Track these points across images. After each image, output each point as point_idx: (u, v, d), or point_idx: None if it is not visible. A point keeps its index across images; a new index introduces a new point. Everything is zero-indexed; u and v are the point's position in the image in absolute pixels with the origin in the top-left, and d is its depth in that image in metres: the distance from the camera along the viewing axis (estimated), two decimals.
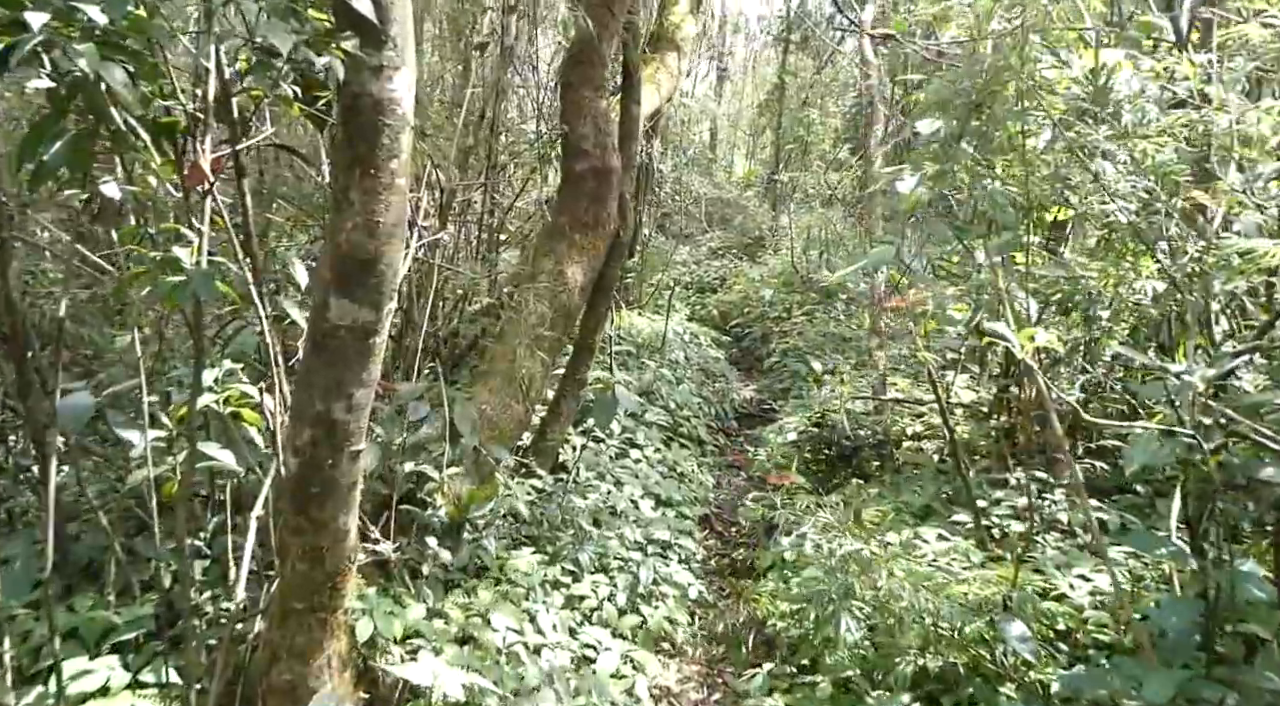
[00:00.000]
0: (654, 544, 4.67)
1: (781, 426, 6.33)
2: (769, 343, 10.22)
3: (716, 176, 17.94)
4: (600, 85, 5.25)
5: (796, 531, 4.45)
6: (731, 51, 21.45)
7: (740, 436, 8.14)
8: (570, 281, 5.09)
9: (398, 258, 2.61)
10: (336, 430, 2.63)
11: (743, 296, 12.15)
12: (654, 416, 6.49)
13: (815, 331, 8.96)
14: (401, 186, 2.57)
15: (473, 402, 4.56)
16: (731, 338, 11.66)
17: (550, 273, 5.06)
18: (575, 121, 5.17)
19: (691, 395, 7.71)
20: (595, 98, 5.22)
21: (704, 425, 7.26)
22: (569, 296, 5.08)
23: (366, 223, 2.51)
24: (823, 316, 9.77)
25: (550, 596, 3.92)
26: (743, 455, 7.66)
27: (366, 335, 2.60)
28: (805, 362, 8.14)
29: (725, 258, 14.70)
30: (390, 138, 2.51)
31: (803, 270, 11.40)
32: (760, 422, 8.38)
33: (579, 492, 4.77)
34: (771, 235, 14.21)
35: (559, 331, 5.06)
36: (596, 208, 5.23)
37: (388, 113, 2.48)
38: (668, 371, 6.94)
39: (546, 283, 5.04)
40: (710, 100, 20.07)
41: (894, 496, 4.60)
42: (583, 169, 5.18)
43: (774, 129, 14.30)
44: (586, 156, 5.18)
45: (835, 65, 13.99)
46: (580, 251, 5.17)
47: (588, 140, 5.17)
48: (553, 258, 5.11)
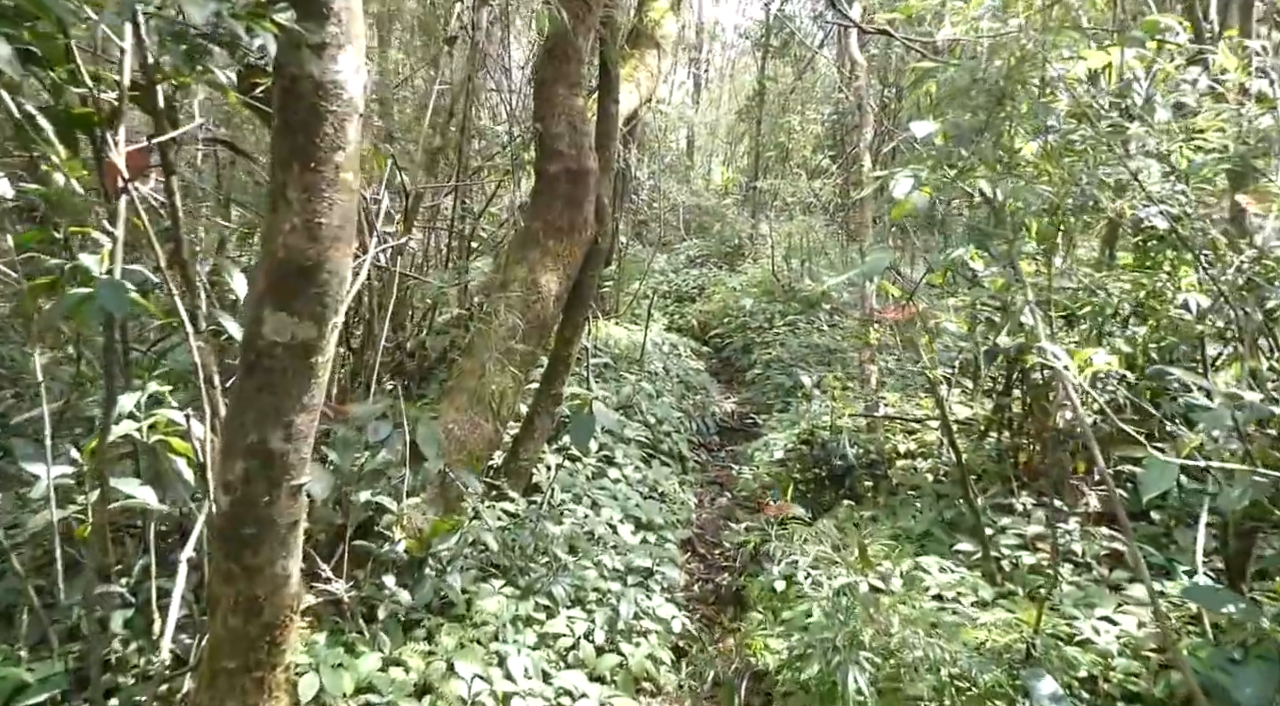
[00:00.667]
0: (634, 573, 4.35)
1: (768, 443, 6.03)
2: (750, 353, 9.95)
3: (694, 184, 17.69)
4: (576, 82, 4.94)
5: (787, 559, 4.14)
6: (709, 58, 21.26)
7: (722, 451, 7.84)
8: (544, 291, 4.77)
9: (344, 264, 2.28)
10: (274, 462, 2.29)
11: (722, 306, 11.87)
12: (633, 432, 6.17)
13: (799, 342, 8.68)
14: (348, 183, 2.24)
15: (439, 421, 4.23)
16: (711, 348, 11.38)
17: (523, 281, 4.74)
18: (549, 120, 4.86)
19: (672, 409, 7.40)
20: (570, 95, 4.90)
21: (685, 440, 6.94)
22: (543, 307, 4.76)
23: (307, 224, 2.18)
24: (806, 326, 9.51)
25: (522, 634, 3.58)
26: (725, 471, 7.36)
27: (307, 353, 2.26)
28: (789, 375, 7.86)
29: (704, 266, 14.43)
30: (334, 126, 2.18)
31: (784, 279, 11.14)
32: (743, 436, 8.08)
33: (554, 517, 4.44)
34: (751, 243, 13.95)
35: (532, 344, 4.73)
36: (572, 212, 4.91)
37: (331, 97, 2.15)
38: (647, 384, 6.62)
39: (518, 292, 4.71)
40: (687, 107, 19.85)
41: (890, 521, 4.31)
42: (557, 171, 4.86)
43: (753, 136, 14.06)
44: (561, 157, 4.86)
45: (815, 70, 13.79)
46: (555, 259, 4.86)
47: (562, 140, 4.86)
48: (525, 265, 4.78)
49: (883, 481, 4.80)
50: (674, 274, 14.39)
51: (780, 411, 7.48)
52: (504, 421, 4.60)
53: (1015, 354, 4.55)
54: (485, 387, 4.44)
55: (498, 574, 3.95)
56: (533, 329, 4.71)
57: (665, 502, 5.56)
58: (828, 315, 9.65)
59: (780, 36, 12.54)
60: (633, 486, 5.35)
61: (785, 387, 7.68)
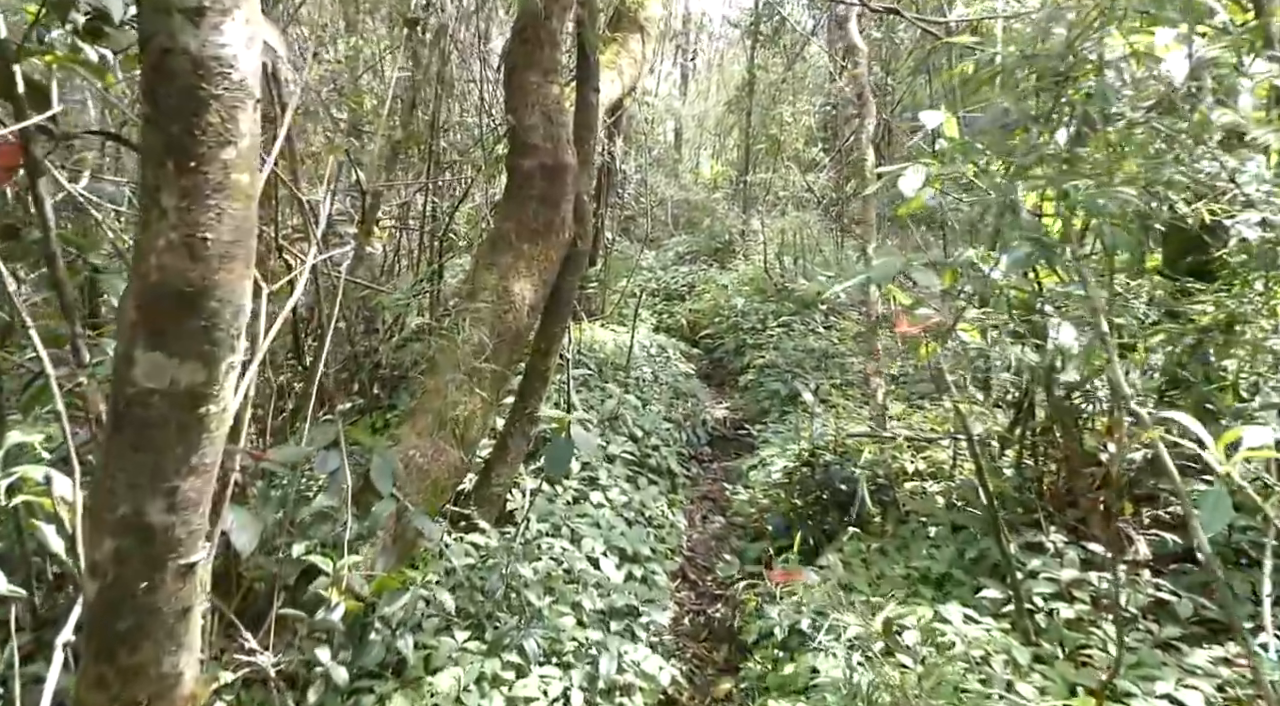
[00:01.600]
0: (618, 616, 3.89)
1: (764, 461, 5.59)
2: (742, 356, 9.50)
3: (682, 178, 17.22)
4: (551, 69, 4.46)
5: (789, 601, 3.70)
6: (696, 49, 20.78)
7: (714, 463, 7.39)
8: (517, 300, 4.30)
9: (239, 289, 1.81)
10: (154, 539, 1.82)
11: (712, 305, 11.43)
12: (618, 447, 5.71)
13: (794, 345, 8.24)
14: (242, 187, 1.77)
15: (399, 448, 3.76)
16: (701, 349, 10.93)
17: (493, 289, 4.27)
18: (522, 111, 4.38)
19: (660, 418, 6.95)
20: (545, 83, 4.43)
21: (674, 453, 6.49)
22: (516, 317, 4.29)
23: (187, 240, 1.71)
24: (801, 328, 9.06)
25: (488, 698, 3.13)
26: (717, 486, 6.92)
27: (194, 402, 1.79)
28: (785, 382, 7.41)
29: (694, 263, 13.97)
30: (221, 115, 1.70)
31: (776, 277, 10.69)
32: (735, 446, 7.64)
33: (529, 554, 3.98)
34: (742, 239, 13.49)
35: (504, 359, 4.27)
36: (548, 212, 4.44)
37: (214, 78, 1.68)
38: (633, 396, 6.16)
39: (489, 302, 4.25)
40: (674, 99, 19.37)
41: (903, 557, 3.86)
42: (531, 166, 4.39)
43: (743, 128, 13.59)
44: (535, 152, 4.39)
45: (806, 59, 13.31)
46: (529, 263, 4.39)
47: (536, 132, 4.38)
48: (496, 272, 4.32)
49: (891, 508, 4.36)
50: (662, 271, 13.93)
51: (776, 421, 7.03)
52: (473, 445, 4.13)
53: (1046, 372, 4.12)
54: (451, 409, 3.98)
55: (461, 624, 3.49)
56: (505, 342, 4.25)
57: (653, 528, 5.10)
58: (823, 316, 9.20)
59: (771, 24, 12.06)
60: (618, 511, 4.90)
61: (781, 396, 7.23)
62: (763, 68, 12.42)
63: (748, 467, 5.63)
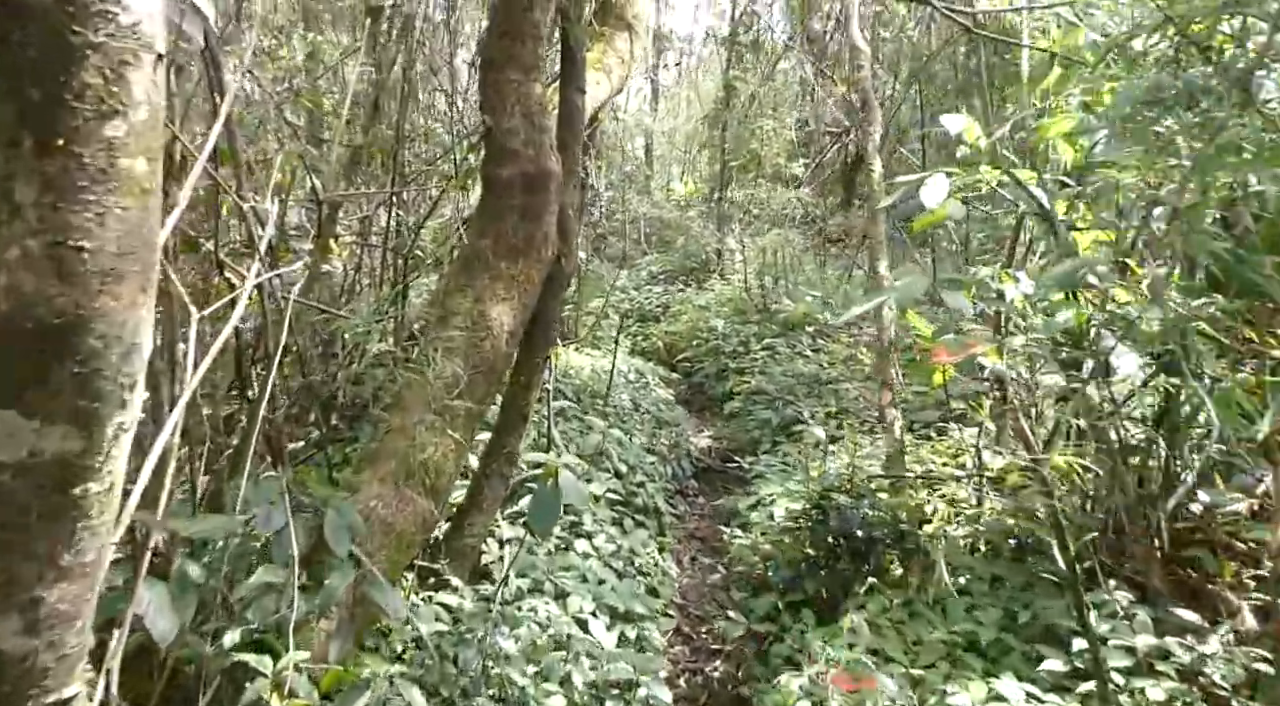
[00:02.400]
0: (613, 691, 3.38)
1: (762, 500, 5.11)
2: (724, 380, 9.04)
3: (654, 195, 16.80)
4: (533, 66, 3.98)
5: (810, 669, 3.20)
6: (666, 64, 20.45)
7: (700, 498, 6.90)
8: (494, 326, 3.79)
9: (135, 320, 1.30)
10: (5, 671, 1.29)
11: (690, 326, 10.96)
12: (601, 485, 5.20)
13: (781, 370, 7.78)
14: (137, 177, 1.26)
15: (359, 498, 3.23)
16: (680, 373, 10.45)
17: (467, 315, 3.76)
18: (500, 112, 3.89)
19: (643, 450, 6.45)
20: (526, 82, 3.94)
21: (660, 490, 5.99)
22: (493, 346, 3.78)
23: (53, 250, 1.20)
24: (787, 351, 8.62)
25: None
26: (706, 524, 6.43)
27: (66, 479, 1.27)
28: (775, 409, 6.95)
29: (668, 283, 13.52)
30: (105, 74, 1.20)
31: (757, 298, 10.26)
32: (723, 480, 7.16)
33: (509, 618, 3.45)
34: (718, 258, 13.08)
35: (480, 394, 3.75)
36: (529, 226, 3.95)
37: (92, 19, 1.17)
38: (617, 430, 5.66)
39: (462, 329, 3.73)
40: (645, 114, 18.99)
41: (940, 619, 3.39)
42: (510, 175, 3.90)
43: (716, 144, 13.20)
44: (515, 158, 3.90)
45: (788, 70, 12.95)
46: (508, 285, 3.89)
47: (516, 136, 3.89)
48: (470, 294, 3.81)
49: (916, 556, 3.89)
50: (635, 291, 13.46)
51: (768, 452, 6.56)
52: (444, 493, 3.60)
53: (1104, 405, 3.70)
54: (419, 452, 3.45)
55: None
56: (481, 374, 3.73)
57: (643, 577, 4.59)
58: (810, 338, 8.77)
59: (750, 33, 11.70)
60: (605, 561, 4.38)
61: (773, 425, 6.76)
62: (741, 78, 12.04)
63: (746, 507, 5.14)
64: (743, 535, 4.78)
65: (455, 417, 3.62)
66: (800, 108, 13.53)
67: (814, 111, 12.09)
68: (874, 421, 6.48)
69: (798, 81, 14.08)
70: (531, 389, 4.12)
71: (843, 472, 4.24)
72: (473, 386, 3.71)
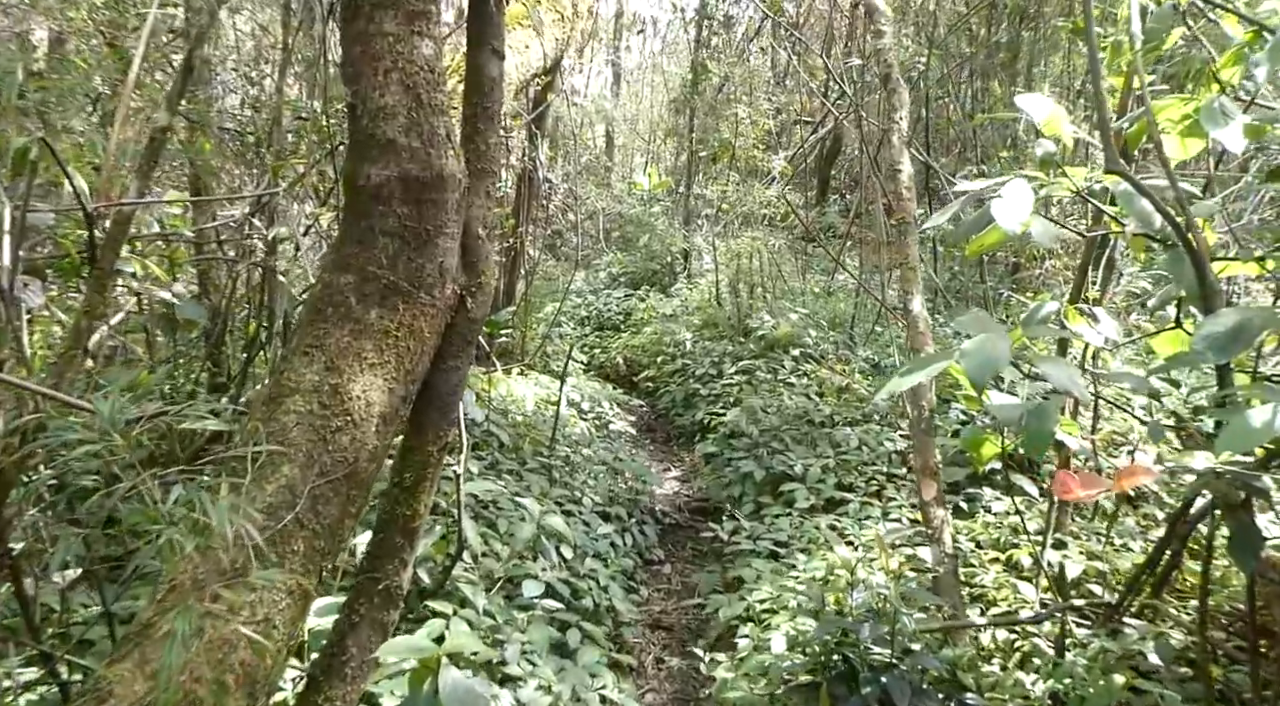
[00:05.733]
0: None
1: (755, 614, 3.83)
2: (693, 408, 7.77)
3: (616, 188, 15.46)
4: (420, 13, 2.64)
5: None
6: (629, 46, 19.11)
7: (666, 565, 5.63)
8: (356, 407, 2.48)
9: None
10: None
11: (654, 339, 9.68)
12: (537, 586, 3.90)
13: (762, 404, 6.52)
14: None
15: None
16: (641, 395, 9.18)
17: (312, 392, 2.44)
18: (368, 83, 2.56)
19: (596, 516, 5.16)
20: (410, 36, 2.61)
21: (617, 573, 4.70)
22: (354, 438, 2.47)
23: None
24: (768, 377, 7.36)
25: None
26: (672, 603, 5.16)
27: None
28: (758, 459, 5.68)
29: (630, 286, 12.22)
30: None
31: (731, 311, 9.00)
32: (694, 541, 5.89)
33: None
34: (684, 260, 11.79)
35: (334, 511, 2.43)
36: (414, 254, 2.64)
37: None
38: (562, 488, 4.35)
39: (304, 412, 2.42)
40: (606, 100, 17.63)
41: None
42: (384, 178, 2.57)
43: (685, 132, 11.88)
44: (392, 153, 2.57)
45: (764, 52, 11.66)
46: (380, 343, 2.58)
47: (394, 120, 2.57)
48: (319, 360, 2.49)
49: None
50: (593, 296, 12.14)
51: (752, 516, 5.30)
52: (269, 682, 2.28)
53: None
54: (221, 626, 2.13)
55: None
56: (332, 484, 2.41)
57: None
58: (794, 361, 7.51)
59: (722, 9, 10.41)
60: None
61: (756, 481, 5.48)
62: (713, 58, 10.72)
63: (732, 617, 3.86)
64: (726, 663, 3.50)
65: (290, 551, 2.30)
66: (774, 94, 12.25)
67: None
68: (882, 480, 5.24)
69: (769, 65, 12.81)
70: (422, 493, 2.81)
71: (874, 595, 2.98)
72: (323, 501, 2.39)
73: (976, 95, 8.19)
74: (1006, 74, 7.77)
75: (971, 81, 8.17)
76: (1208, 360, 2.35)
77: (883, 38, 3.96)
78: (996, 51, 7.72)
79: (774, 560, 4.47)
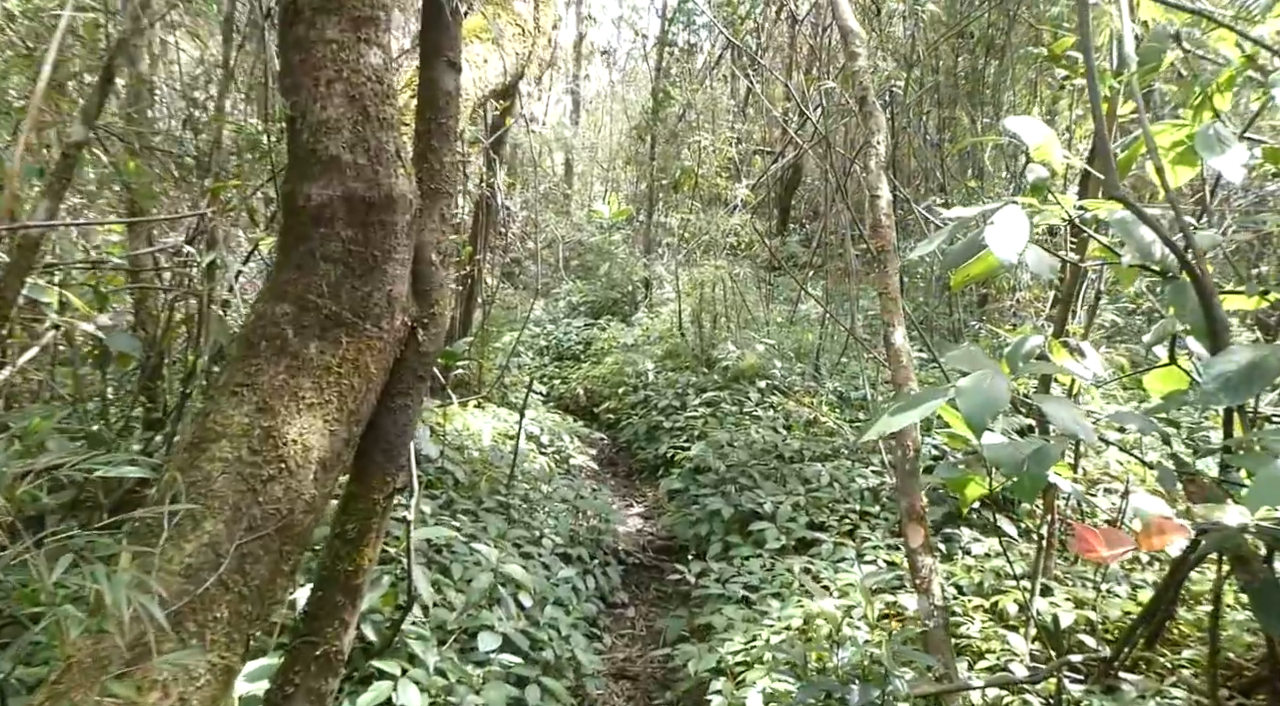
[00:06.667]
0: None
1: (723, 662, 3.59)
2: (656, 441, 7.54)
3: (575, 215, 15.27)
4: (368, 20, 2.41)
5: None
6: (589, 75, 19.05)
7: (630, 608, 5.36)
8: (291, 453, 2.23)
9: None
10: None
11: (615, 369, 9.46)
12: (495, 637, 3.62)
13: (729, 438, 6.31)
14: None
15: None
16: (602, 426, 8.93)
17: (241, 437, 2.18)
18: (310, 93, 2.33)
19: (557, 558, 4.89)
20: (355, 44, 2.38)
21: (580, 620, 4.43)
22: (288, 488, 2.21)
23: None
24: (733, 410, 7.16)
25: None
26: (638, 650, 4.89)
27: None
28: (726, 495, 5.46)
29: (594, 315, 11.99)
30: None
31: (694, 342, 8.82)
32: (658, 582, 5.64)
33: None
34: (646, 288, 11.61)
35: (260, 573, 2.16)
36: (359, 281, 2.40)
37: None
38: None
39: (232, 459, 2.16)
40: (565, 128, 17.50)
41: None
42: (326, 197, 2.33)
43: (646, 159, 11.75)
44: (336, 171, 2.34)
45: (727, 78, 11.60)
46: (320, 381, 2.33)
47: (338, 135, 2.33)
48: (250, 400, 2.23)
49: None
50: (553, 325, 11.89)
51: (719, 556, 5.06)
52: None
53: None
54: None
55: None
56: (261, 542, 2.14)
57: None
58: (760, 393, 7.33)
59: (688, 32, 10.33)
60: None
61: (723, 518, 5.26)
62: (675, 85, 10.61)
63: (704, 669, 3.60)
64: None
65: (209, 624, 2.03)
66: (735, 123, 12.19)
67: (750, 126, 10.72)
68: (855, 519, 5.05)
69: (730, 94, 12.76)
70: (365, 545, 2.54)
71: (860, 652, 2.76)
72: (248, 562, 2.12)
73: (942, 123, 8.16)
74: (973, 102, 7.75)
75: (940, 109, 8.13)
76: (1220, 402, 2.19)
77: (858, 59, 3.83)
78: (963, 79, 7.69)
79: (745, 606, 4.23)
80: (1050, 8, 6.43)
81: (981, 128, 7.33)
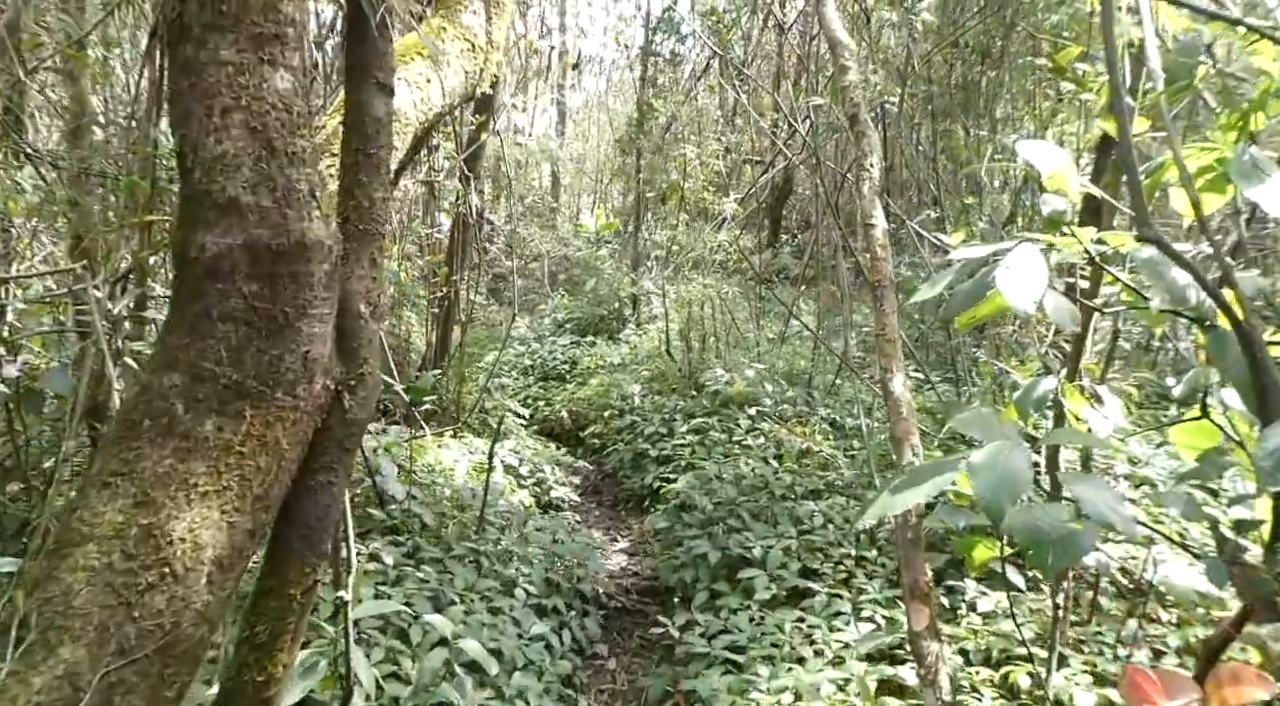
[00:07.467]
0: None
1: None
2: (642, 471, 7.19)
3: (561, 229, 14.92)
4: (274, 38, 2.06)
5: None
6: (574, 85, 18.73)
7: (611, 661, 4.99)
8: (178, 556, 1.88)
9: None
10: None
11: (601, 391, 9.11)
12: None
13: (717, 471, 5.96)
14: None
15: None
16: (586, 453, 8.58)
17: (114, 538, 1.84)
18: (202, 126, 1.98)
19: (533, 612, 4.53)
20: (259, 69, 2.03)
21: (553, 686, 4.07)
22: (173, 597, 1.87)
23: None
24: (721, 436, 6.82)
25: None
26: None
27: None
28: (712, 537, 5.11)
29: (580, 332, 11.64)
30: None
31: (682, 363, 8.47)
32: (641, 629, 5.27)
33: None
34: (633, 305, 11.27)
35: (143, 695, 1.81)
36: (266, 344, 2.06)
37: None
38: (491, 578, 3.72)
39: (95, 571, 1.81)
40: (550, 140, 17.17)
41: None
42: (223, 246, 1.98)
43: (632, 172, 11.42)
44: (236, 214, 1.99)
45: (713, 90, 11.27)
46: (217, 465, 1.98)
47: (236, 173, 1.99)
48: (127, 491, 1.89)
49: None
50: (537, 343, 11.54)
51: (704, 606, 4.70)
52: None
53: None
54: None
55: None
56: (138, 667, 1.80)
57: None
58: (750, 421, 6.98)
59: (672, 42, 10.01)
60: None
61: (710, 563, 4.90)
62: (660, 97, 10.28)
63: None
64: None
65: None
66: (723, 134, 11.87)
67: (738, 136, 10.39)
68: (851, 566, 4.69)
69: (717, 104, 12.45)
70: (279, 650, 2.18)
71: None
72: (118, 693, 1.77)
73: (936, 137, 7.85)
74: (967, 114, 7.44)
75: (934, 122, 7.82)
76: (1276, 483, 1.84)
77: (848, 73, 3.49)
78: (957, 90, 7.38)
79: (733, 670, 3.88)
80: (1049, 16, 6.14)
81: (976, 140, 7.03)
